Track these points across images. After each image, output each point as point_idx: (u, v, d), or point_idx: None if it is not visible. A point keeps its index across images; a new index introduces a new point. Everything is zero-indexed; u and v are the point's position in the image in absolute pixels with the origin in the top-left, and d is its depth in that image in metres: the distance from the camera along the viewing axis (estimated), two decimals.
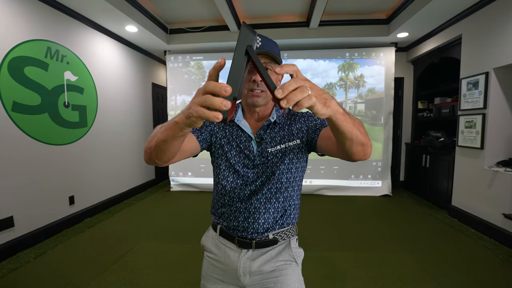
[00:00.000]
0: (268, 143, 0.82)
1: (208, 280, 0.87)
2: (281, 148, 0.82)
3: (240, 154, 0.83)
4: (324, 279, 1.91)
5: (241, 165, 0.82)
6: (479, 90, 2.78)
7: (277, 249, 0.83)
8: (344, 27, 3.79)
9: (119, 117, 3.74)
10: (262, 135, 0.83)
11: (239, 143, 0.83)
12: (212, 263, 0.87)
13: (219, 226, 0.87)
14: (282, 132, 0.84)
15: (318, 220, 3.09)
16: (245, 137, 0.83)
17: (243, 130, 0.84)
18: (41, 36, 2.48)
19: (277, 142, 0.83)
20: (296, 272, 0.83)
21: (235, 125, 0.85)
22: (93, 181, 3.20)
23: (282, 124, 0.86)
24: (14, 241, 2.22)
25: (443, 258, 2.20)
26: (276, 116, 0.85)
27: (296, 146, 0.83)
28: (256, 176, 0.81)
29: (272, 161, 0.81)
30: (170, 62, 4.35)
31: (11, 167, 2.22)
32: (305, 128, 0.84)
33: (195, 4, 3.39)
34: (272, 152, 0.82)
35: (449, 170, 3.29)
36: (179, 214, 3.32)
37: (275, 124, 0.85)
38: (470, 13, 2.90)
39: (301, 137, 0.84)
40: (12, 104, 2.21)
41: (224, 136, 0.85)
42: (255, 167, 0.81)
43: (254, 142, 0.83)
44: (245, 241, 0.81)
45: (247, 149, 0.82)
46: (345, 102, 4.19)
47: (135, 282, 1.86)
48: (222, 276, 0.85)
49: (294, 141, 0.83)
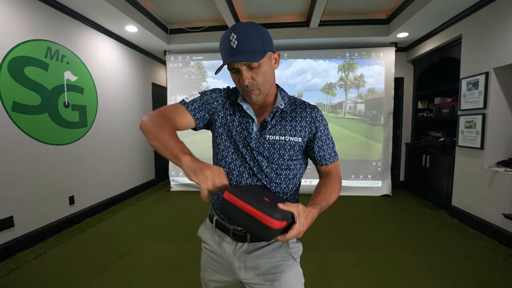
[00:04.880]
0: (268, 130, 0.80)
1: (206, 272, 0.87)
2: (279, 139, 0.79)
3: (241, 132, 0.81)
4: (324, 279, 1.91)
5: (241, 143, 0.80)
6: (479, 90, 2.78)
7: (273, 245, 0.81)
8: (344, 27, 3.80)
9: (119, 117, 3.74)
10: (268, 121, 0.81)
11: (241, 121, 0.82)
12: (209, 255, 0.87)
13: (215, 217, 0.86)
14: (286, 123, 0.81)
15: (318, 220, 3.07)
16: (247, 117, 0.82)
17: (245, 111, 0.82)
18: (41, 36, 2.48)
19: (277, 131, 0.80)
20: (294, 267, 0.81)
21: (238, 105, 0.84)
22: (93, 181, 3.20)
23: (288, 113, 0.83)
24: (14, 241, 2.22)
25: (443, 258, 2.20)
26: (283, 104, 0.82)
27: (296, 143, 0.81)
28: (252, 159, 0.79)
29: (268, 150, 0.79)
30: (170, 62, 4.35)
31: (11, 167, 2.22)
32: (309, 130, 0.82)
33: (195, 4, 3.39)
34: (270, 140, 0.79)
35: (449, 170, 3.29)
36: (179, 214, 3.32)
37: (282, 112, 0.82)
38: (470, 13, 2.90)
39: (303, 136, 0.82)
40: (12, 104, 2.21)
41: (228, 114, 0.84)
42: (251, 150, 0.79)
43: (256, 124, 0.81)
44: (240, 234, 0.80)
45: (246, 130, 0.81)
46: (345, 102, 4.19)
47: (135, 282, 1.86)
48: (218, 268, 0.84)
49: (296, 138, 0.81)
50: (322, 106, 4.23)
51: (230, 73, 0.77)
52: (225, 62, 0.72)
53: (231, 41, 0.70)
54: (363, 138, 4.13)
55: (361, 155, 4.13)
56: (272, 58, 0.78)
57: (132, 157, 4.09)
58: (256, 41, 0.71)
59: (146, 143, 4.51)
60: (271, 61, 0.78)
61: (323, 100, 4.22)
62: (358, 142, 4.13)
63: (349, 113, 4.20)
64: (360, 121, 4.16)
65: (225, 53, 0.73)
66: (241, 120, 0.82)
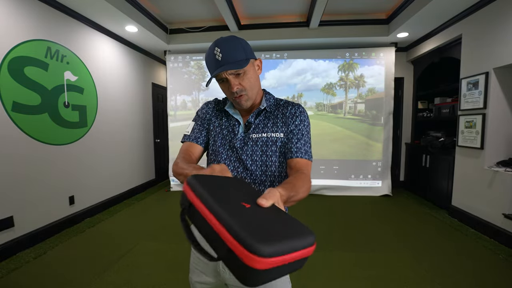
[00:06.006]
0: (252, 130, 0.85)
1: (193, 273, 0.87)
2: (262, 136, 0.84)
3: (226, 137, 0.87)
4: (324, 279, 1.91)
5: (227, 145, 0.86)
6: (479, 90, 2.78)
7: None
8: (344, 27, 3.80)
9: (119, 117, 3.74)
10: (251, 122, 0.86)
11: (227, 125, 0.89)
12: (197, 255, 0.87)
13: None
14: (267, 121, 0.86)
15: (318, 220, 3.09)
16: (233, 121, 0.89)
17: (232, 116, 0.89)
18: (41, 36, 2.48)
19: (260, 129, 0.85)
20: None
21: (226, 112, 0.91)
22: (93, 181, 3.20)
23: (271, 112, 0.88)
24: (14, 241, 2.22)
25: (443, 258, 2.20)
26: (266, 105, 0.88)
27: (278, 139, 0.84)
28: (237, 160, 0.84)
29: (251, 148, 0.84)
30: (170, 62, 4.35)
31: (11, 167, 2.22)
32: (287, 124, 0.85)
33: (195, 4, 3.39)
34: (253, 138, 0.84)
35: (449, 170, 3.29)
36: (179, 214, 3.31)
37: (264, 112, 0.88)
38: (470, 13, 2.90)
39: (284, 132, 0.84)
40: (12, 104, 2.21)
41: (218, 121, 0.91)
42: (236, 150, 0.84)
43: (242, 127, 0.87)
44: None
45: (233, 132, 0.87)
46: (345, 102, 4.19)
47: (135, 282, 1.86)
48: (205, 269, 0.84)
49: (277, 134, 0.84)
50: (322, 106, 4.23)
51: (218, 84, 0.83)
52: (213, 74, 0.78)
53: (216, 54, 0.76)
54: (363, 138, 4.13)
55: (361, 155, 4.13)
56: (255, 65, 0.84)
57: (132, 157, 4.09)
58: (238, 52, 0.77)
59: (146, 143, 4.52)
60: (255, 68, 0.83)
61: (323, 100, 4.23)
62: (358, 142, 4.13)
63: (349, 113, 4.20)
64: (360, 121, 4.16)
65: (212, 66, 0.79)
66: (228, 123, 0.89)
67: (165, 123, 4.83)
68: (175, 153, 4.39)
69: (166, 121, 4.54)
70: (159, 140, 4.96)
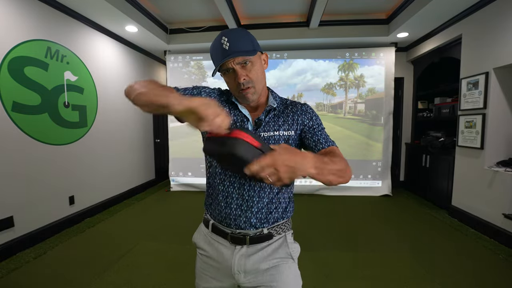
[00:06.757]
0: (262, 128, 0.81)
1: (201, 279, 0.86)
2: (274, 135, 0.80)
3: None
4: (324, 279, 1.91)
5: None
6: (479, 90, 2.78)
7: (273, 246, 0.81)
8: (344, 27, 3.80)
9: (119, 117, 3.74)
10: (262, 119, 0.82)
11: (236, 121, 0.82)
12: (204, 261, 0.85)
13: (211, 222, 0.85)
14: (278, 119, 0.83)
15: (318, 220, 3.09)
16: (241, 117, 0.82)
17: (240, 110, 0.82)
18: (41, 36, 2.48)
19: (270, 127, 0.81)
20: (292, 268, 0.81)
21: (233, 104, 0.84)
22: (93, 181, 3.20)
23: (279, 110, 0.85)
24: (14, 241, 2.22)
25: (443, 258, 2.20)
26: (276, 103, 0.84)
27: (290, 137, 0.82)
28: None
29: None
30: (170, 62, 4.35)
31: (11, 167, 2.22)
32: (300, 122, 0.83)
33: (195, 4, 3.39)
34: (264, 137, 0.80)
35: (449, 170, 3.29)
36: (179, 214, 3.32)
37: (275, 110, 0.84)
38: (470, 13, 2.90)
39: (295, 129, 0.83)
40: (12, 104, 2.21)
41: None
42: None
43: (251, 123, 0.82)
44: (238, 237, 0.79)
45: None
46: (345, 102, 4.19)
47: (135, 282, 1.86)
48: (215, 274, 0.83)
49: (289, 132, 0.82)
50: (322, 106, 4.23)
51: (223, 76, 0.79)
52: (221, 62, 0.73)
53: (223, 44, 0.72)
54: (363, 138, 4.13)
55: (361, 155, 4.13)
56: (262, 58, 0.81)
57: (132, 157, 4.08)
58: (246, 42, 0.74)
59: (146, 143, 4.51)
60: (261, 61, 0.81)
61: (323, 100, 4.23)
62: (358, 142, 4.13)
63: (349, 113, 4.20)
64: (360, 121, 4.16)
65: (218, 56, 0.75)
66: (236, 119, 0.82)
67: (165, 123, 4.83)
68: (175, 153, 4.39)
69: (166, 121, 4.54)
70: (159, 140, 4.96)
